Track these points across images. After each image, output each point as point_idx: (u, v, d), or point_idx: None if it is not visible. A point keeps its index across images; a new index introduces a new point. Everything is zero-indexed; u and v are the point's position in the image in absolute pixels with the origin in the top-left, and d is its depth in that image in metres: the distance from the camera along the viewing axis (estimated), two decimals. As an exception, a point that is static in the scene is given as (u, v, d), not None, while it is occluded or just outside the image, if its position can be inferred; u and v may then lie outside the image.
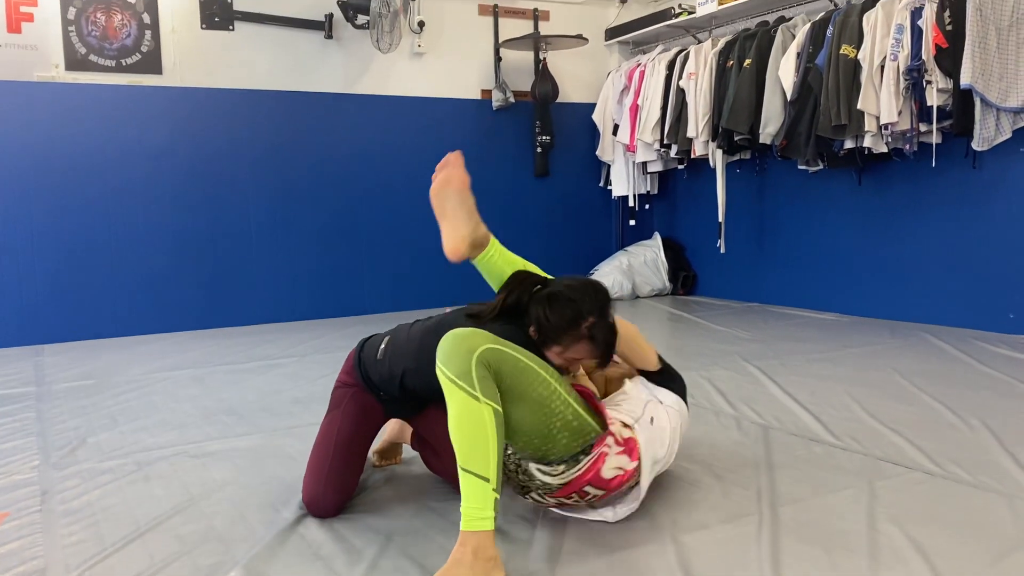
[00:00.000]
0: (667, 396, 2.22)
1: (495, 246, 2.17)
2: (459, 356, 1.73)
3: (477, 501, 1.68)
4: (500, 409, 1.74)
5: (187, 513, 2.16)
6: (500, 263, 2.15)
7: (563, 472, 1.88)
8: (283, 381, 3.75)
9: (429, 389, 1.96)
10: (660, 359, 2.34)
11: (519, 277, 2.10)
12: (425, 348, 2.01)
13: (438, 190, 2.29)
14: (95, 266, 4.95)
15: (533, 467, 1.89)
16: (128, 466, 2.57)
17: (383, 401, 2.21)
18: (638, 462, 1.96)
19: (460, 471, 1.70)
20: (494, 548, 1.69)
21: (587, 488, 1.91)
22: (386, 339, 2.21)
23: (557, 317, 1.95)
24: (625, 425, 1.99)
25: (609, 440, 1.92)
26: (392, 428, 2.51)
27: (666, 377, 2.31)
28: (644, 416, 2.05)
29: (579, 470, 1.88)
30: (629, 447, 1.95)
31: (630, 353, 2.25)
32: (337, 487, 2.10)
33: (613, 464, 1.91)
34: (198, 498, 2.27)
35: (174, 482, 2.41)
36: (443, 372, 1.74)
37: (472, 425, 1.70)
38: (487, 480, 1.68)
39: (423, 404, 2.22)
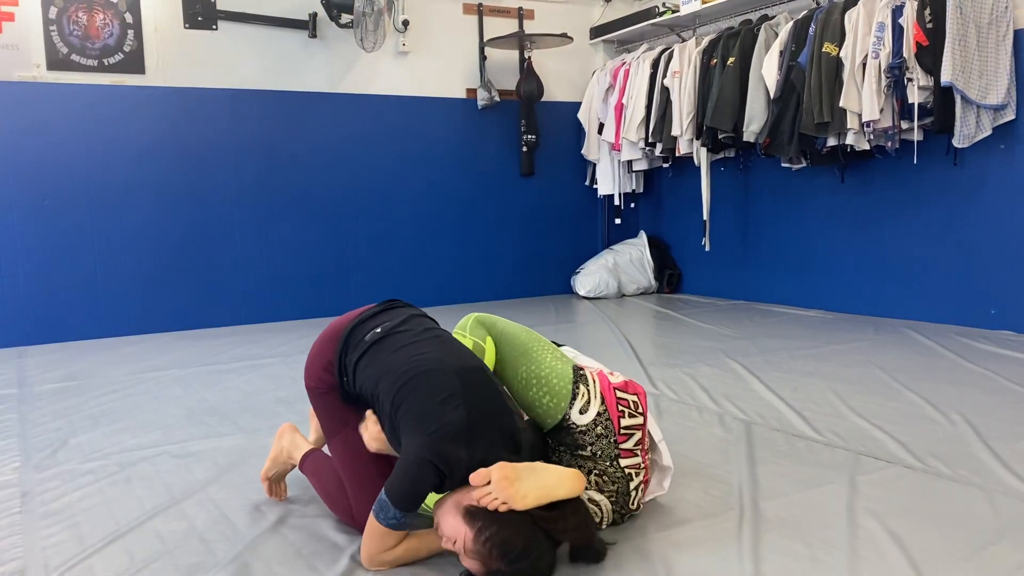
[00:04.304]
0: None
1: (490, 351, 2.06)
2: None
3: None
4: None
5: (169, 513, 2.16)
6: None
7: (589, 399, 1.92)
8: (266, 381, 3.73)
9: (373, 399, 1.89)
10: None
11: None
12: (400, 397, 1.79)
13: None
14: (78, 267, 4.92)
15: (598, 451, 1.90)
16: (110, 467, 2.56)
17: (342, 391, 2.01)
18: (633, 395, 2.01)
19: None
20: None
21: (622, 395, 1.94)
22: (381, 326, 1.97)
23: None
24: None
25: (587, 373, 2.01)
26: (280, 449, 2.20)
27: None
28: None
29: (593, 386, 1.94)
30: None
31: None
32: None
33: (611, 378, 1.98)
34: (180, 498, 2.26)
35: (156, 483, 2.40)
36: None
37: None
38: None
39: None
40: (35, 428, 3.04)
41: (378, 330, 1.96)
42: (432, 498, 1.79)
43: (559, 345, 2.21)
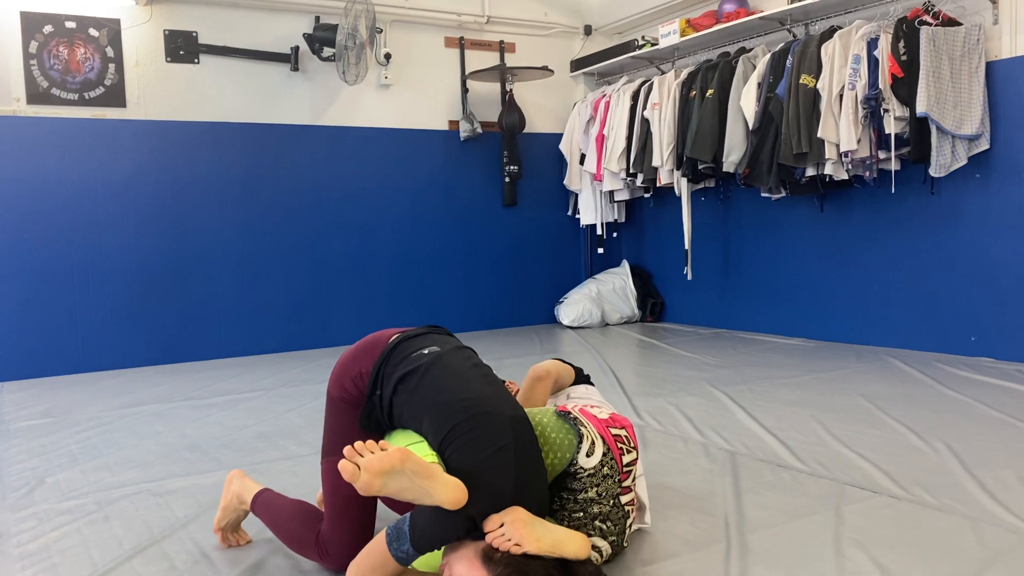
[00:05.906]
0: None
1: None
2: None
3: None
4: None
5: (148, 553, 2.11)
6: None
7: (593, 441, 1.85)
8: (248, 416, 3.69)
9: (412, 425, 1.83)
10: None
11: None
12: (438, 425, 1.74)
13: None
14: (56, 301, 4.87)
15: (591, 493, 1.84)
16: (88, 506, 2.51)
17: (369, 404, 1.92)
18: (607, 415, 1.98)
19: None
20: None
21: (615, 432, 1.89)
22: (429, 349, 1.91)
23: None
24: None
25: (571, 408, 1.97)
26: (229, 496, 2.13)
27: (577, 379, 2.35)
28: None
29: (589, 427, 1.88)
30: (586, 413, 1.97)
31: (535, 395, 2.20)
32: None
33: (596, 413, 1.95)
34: (159, 538, 2.22)
35: (135, 521, 2.36)
36: None
37: None
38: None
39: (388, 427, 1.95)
40: (11, 466, 2.99)
41: (425, 351, 1.88)
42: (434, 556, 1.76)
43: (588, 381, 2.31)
